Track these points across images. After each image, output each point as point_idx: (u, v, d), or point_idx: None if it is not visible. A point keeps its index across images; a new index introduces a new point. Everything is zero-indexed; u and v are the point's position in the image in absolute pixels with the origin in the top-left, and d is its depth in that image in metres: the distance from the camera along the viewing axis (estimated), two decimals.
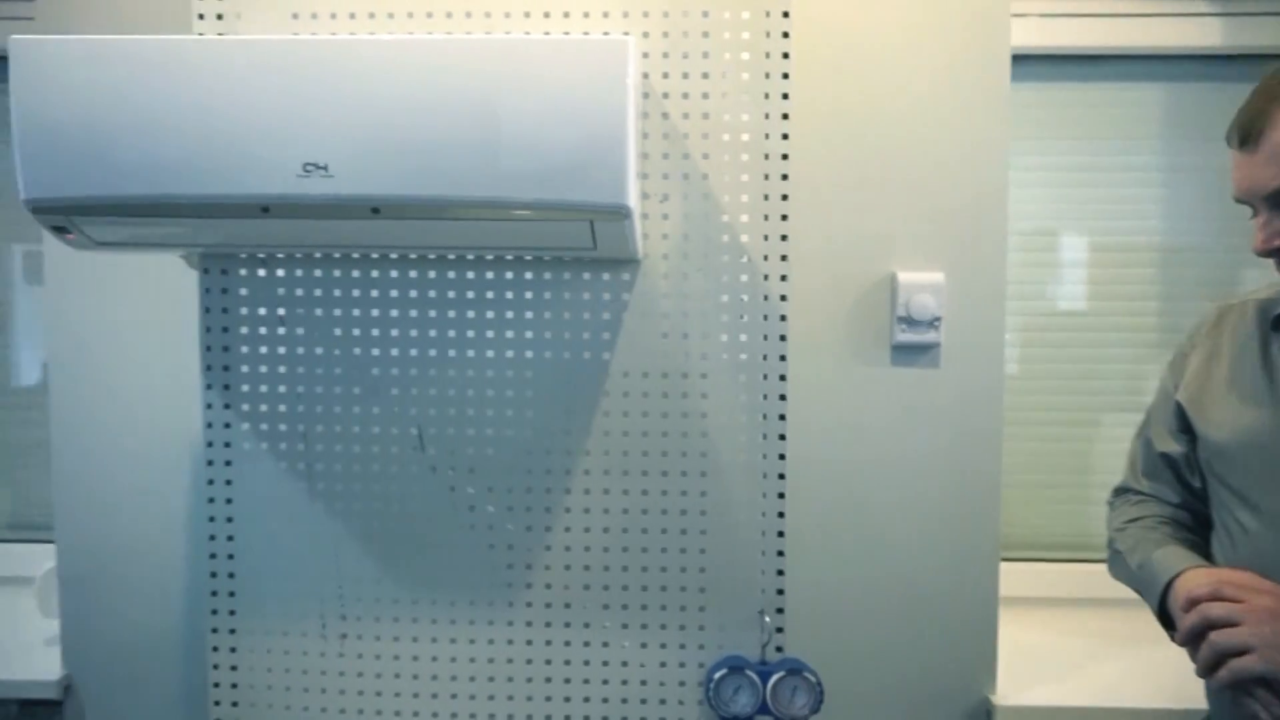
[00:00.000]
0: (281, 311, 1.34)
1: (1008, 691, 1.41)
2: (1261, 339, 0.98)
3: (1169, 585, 0.95)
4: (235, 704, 1.38)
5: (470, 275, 1.33)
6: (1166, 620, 0.98)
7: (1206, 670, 0.85)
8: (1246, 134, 0.87)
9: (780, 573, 1.34)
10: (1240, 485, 0.95)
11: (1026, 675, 1.43)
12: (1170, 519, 1.09)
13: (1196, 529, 1.09)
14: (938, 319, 1.38)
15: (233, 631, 1.37)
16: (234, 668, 1.38)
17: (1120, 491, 1.19)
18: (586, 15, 1.29)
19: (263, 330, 1.35)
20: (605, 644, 1.36)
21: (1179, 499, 1.10)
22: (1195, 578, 0.92)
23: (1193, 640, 0.87)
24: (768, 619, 1.34)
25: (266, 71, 1.04)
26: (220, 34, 1.30)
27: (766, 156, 1.30)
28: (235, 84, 1.04)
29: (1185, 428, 1.06)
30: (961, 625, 1.41)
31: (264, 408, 1.35)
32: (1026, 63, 1.66)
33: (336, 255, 1.34)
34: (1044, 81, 1.71)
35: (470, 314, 1.34)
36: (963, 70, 1.38)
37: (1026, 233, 1.73)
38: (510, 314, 1.33)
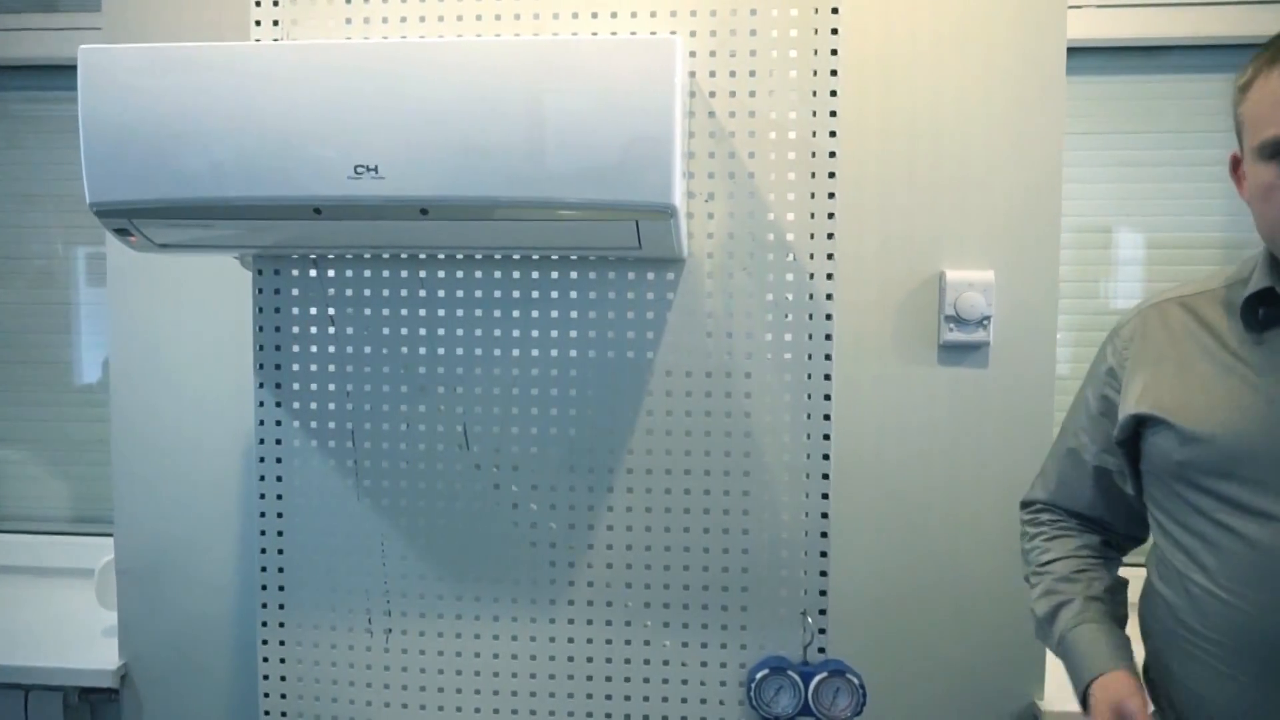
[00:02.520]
0: (331, 311, 1.37)
1: (1055, 697, 1.38)
2: (1215, 336, 0.94)
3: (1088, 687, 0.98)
4: (284, 695, 1.40)
5: (516, 275, 1.35)
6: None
7: None
8: None
9: (823, 573, 1.33)
10: (1240, 493, 0.89)
11: None
12: (1088, 558, 1.07)
13: (1115, 546, 1.10)
14: (987, 318, 1.36)
15: (282, 625, 1.40)
16: (283, 660, 1.40)
17: (1039, 509, 1.14)
18: (634, 15, 1.29)
19: (313, 330, 1.37)
20: (647, 643, 1.36)
21: (1104, 514, 1.09)
22: (1110, 691, 0.95)
23: None
24: (810, 620, 1.34)
25: (320, 75, 1.06)
26: (276, 40, 1.33)
27: (813, 155, 1.29)
28: (290, 88, 1.06)
29: (1124, 439, 1.02)
30: (1008, 628, 1.39)
31: (314, 406, 1.38)
32: (1083, 55, 1.62)
33: (385, 256, 1.36)
34: (1101, 74, 1.67)
35: (515, 313, 1.35)
36: (1015, 64, 1.36)
37: (1081, 229, 1.70)
38: (555, 313, 1.34)
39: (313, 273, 1.37)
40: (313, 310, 1.37)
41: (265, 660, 1.41)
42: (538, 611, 1.37)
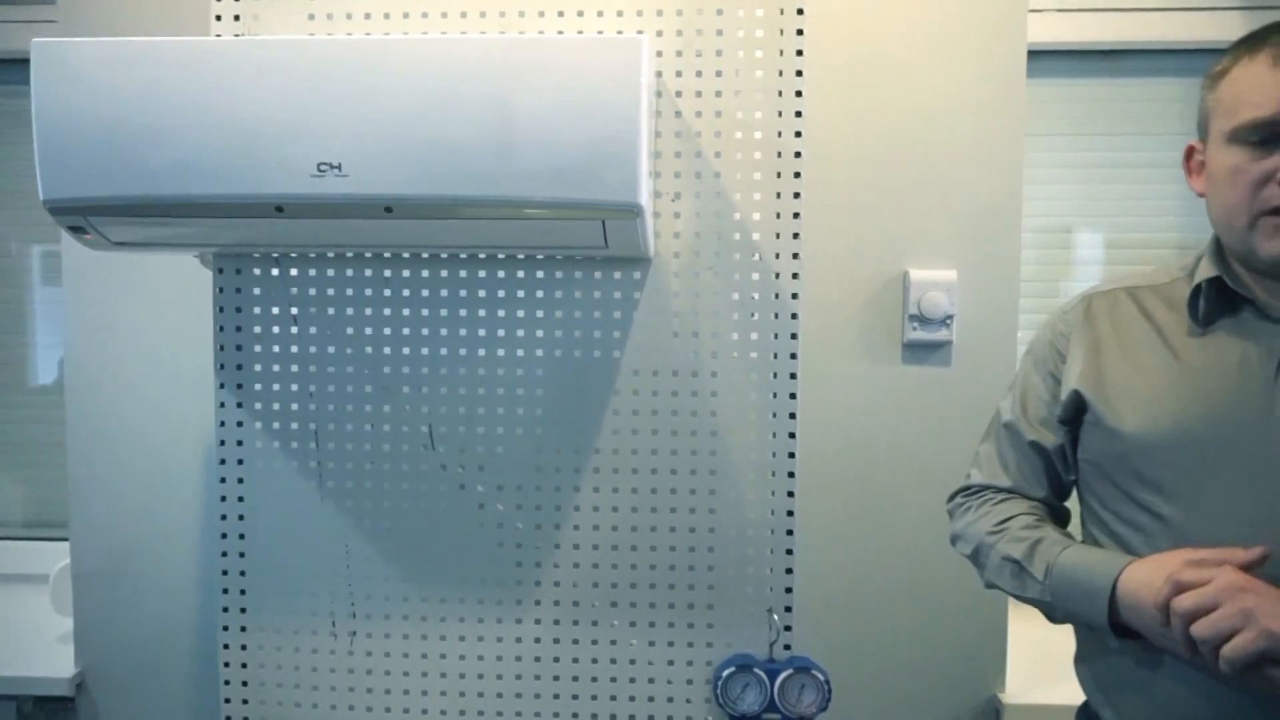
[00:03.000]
0: (294, 310, 1.35)
1: (1017, 690, 1.41)
2: (1158, 328, 0.96)
3: (1114, 589, 0.88)
4: (246, 701, 1.38)
5: (482, 274, 1.34)
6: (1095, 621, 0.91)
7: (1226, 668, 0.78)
8: None
9: (789, 571, 1.34)
10: (1166, 479, 0.91)
11: (1036, 673, 1.43)
12: (1044, 516, 1.03)
13: (1060, 524, 1.05)
14: (950, 317, 1.38)
15: (244, 629, 1.38)
16: (245, 665, 1.38)
17: (972, 492, 1.10)
18: (600, 14, 1.29)
19: (275, 329, 1.36)
20: (613, 642, 1.36)
21: (1045, 492, 1.05)
22: (1145, 577, 0.85)
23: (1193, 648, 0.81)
24: (775, 617, 1.35)
25: (282, 72, 1.05)
26: (237, 35, 1.31)
27: (779, 155, 1.30)
28: (251, 84, 1.05)
29: (1067, 418, 1.01)
30: (971, 623, 1.41)
31: (276, 406, 1.36)
32: (1044, 58, 1.65)
33: (349, 254, 1.35)
34: (1061, 77, 1.70)
35: (481, 313, 1.34)
36: (978, 66, 1.38)
37: (1042, 230, 1.72)
38: (521, 313, 1.34)
39: (275, 271, 1.35)
40: (275, 310, 1.35)
41: (227, 665, 1.38)
42: (504, 612, 1.37)
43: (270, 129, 1.05)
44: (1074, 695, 1.04)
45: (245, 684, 1.38)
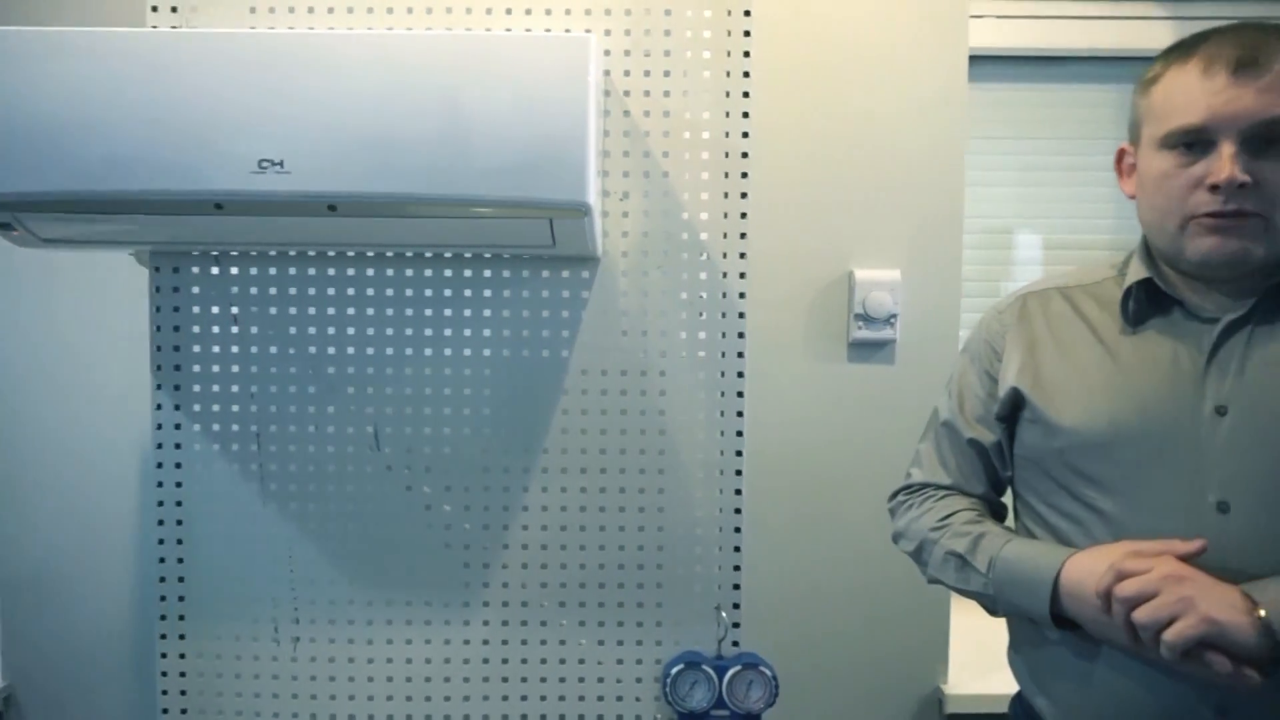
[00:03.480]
0: (235, 310, 1.32)
1: (958, 680, 1.44)
2: (1091, 327, 0.98)
3: (1057, 581, 0.90)
4: (185, 711, 1.35)
5: (428, 273, 1.32)
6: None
7: (1167, 652, 0.81)
8: (1250, 59, 0.85)
9: (737, 568, 1.35)
10: (1101, 473, 0.93)
11: (978, 664, 1.46)
12: (984, 512, 1.05)
13: (998, 520, 1.07)
14: (894, 316, 1.40)
15: (182, 637, 1.35)
16: (183, 674, 1.35)
17: (913, 489, 1.11)
18: (549, 12, 1.29)
19: (215, 329, 1.33)
20: (562, 642, 1.36)
21: (983, 489, 1.07)
22: (1088, 567, 0.88)
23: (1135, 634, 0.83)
24: (724, 614, 1.36)
25: (221, 65, 1.02)
26: (174, 27, 1.27)
27: (727, 155, 1.31)
28: (189, 78, 1.02)
29: (1005, 415, 1.03)
30: (915, 617, 1.44)
31: (216, 408, 1.33)
32: (985, 63, 1.69)
33: (292, 253, 1.32)
34: (1002, 82, 1.74)
35: (428, 312, 1.33)
36: (921, 70, 1.40)
37: (984, 231, 1.76)
38: (468, 312, 1.33)
39: (214, 270, 1.32)
40: (214, 309, 1.32)
41: (164, 675, 1.35)
42: (452, 614, 1.36)
43: (209, 124, 1.02)
44: (1013, 684, 1.07)
45: (184, 693, 1.35)
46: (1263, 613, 0.80)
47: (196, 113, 1.02)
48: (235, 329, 1.33)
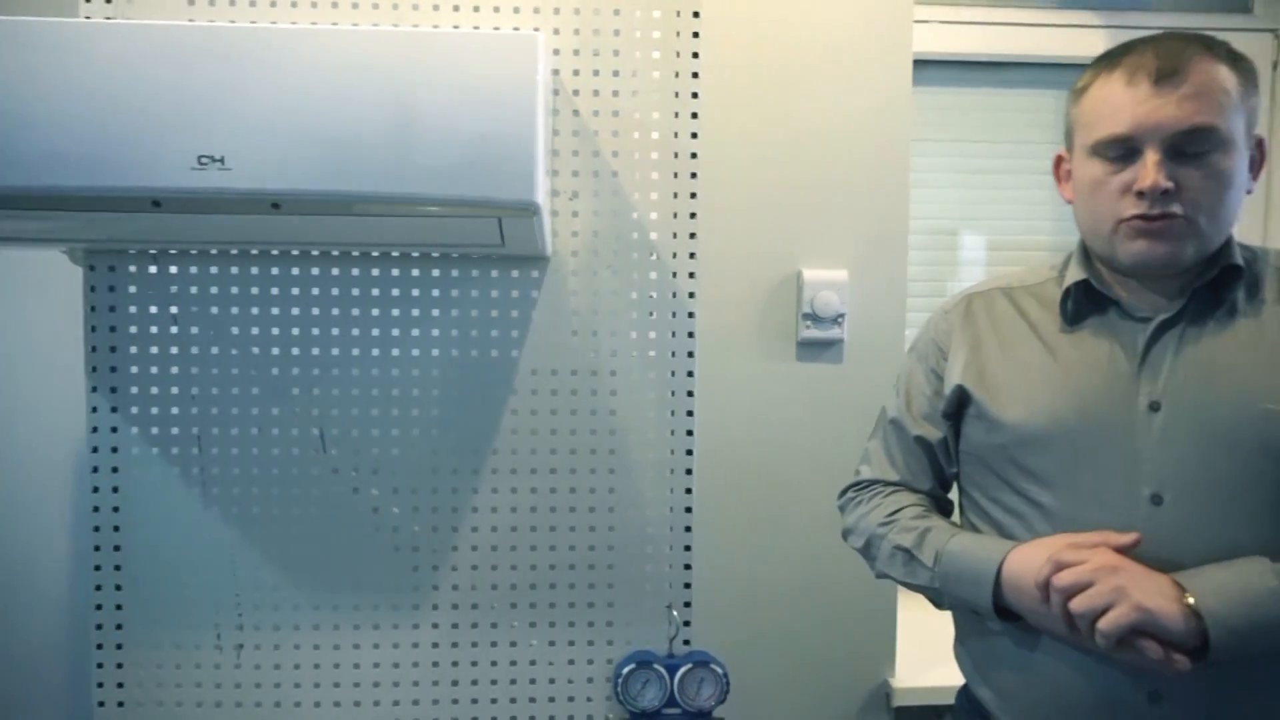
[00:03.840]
0: (174, 310, 1.29)
1: (906, 674, 1.46)
2: (1032, 326, 1.02)
3: (999, 573, 0.92)
4: None
5: (375, 272, 1.31)
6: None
7: (1102, 641, 0.84)
8: (1170, 69, 0.88)
9: (688, 567, 1.36)
10: (1042, 468, 0.95)
11: (924, 658, 1.49)
12: (931, 507, 1.08)
13: (945, 515, 1.10)
14: (841, 315, 1.42)
15: (120, 647, 1.31)
16: (121, 684, 1.31)
17: (862, 487, 1.14)
18: (497, 10, 1.28)
19: (154, 330, 1.29)
20: (513, 644, 1.35)
21: (930, 485, 1.10)
22: (1028, 559, 0.90)
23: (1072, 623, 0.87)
24: (675, 613, 1.36)
25: (158, 58, 1.00)
26: (109, 18, 1.24)
27: (676, 156, 1.32)
28: (124, 70, 1.00)
29: (950, 413, 1.05)
30: (863, 612, 1.46)
31: (155, 410, 1.30)
32: (929, 68, 1.72)
33: (234, 251, 1.29)
34: (946, 86, 1.77)
35: (375, 312, 1.31)
36: (867, 73, 1.42)
37: (930, 231, 1.79)
38: (416, 312, 1.31)
39: (153, 269, 1.29)
40: (153, 309, 1.29)
41: (100, 686, 1.31)
42: (400, 618, 1.34)
43: (145, 118, 1.00)
44: (958, 677, 1.09)
45: (121, 705, 1.31)
46: (1191, 600, 0.83)
47: (132, 107, 1.00)
48: (175, 329, 1.29)
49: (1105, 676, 0.91)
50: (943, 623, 1.11)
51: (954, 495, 1.13)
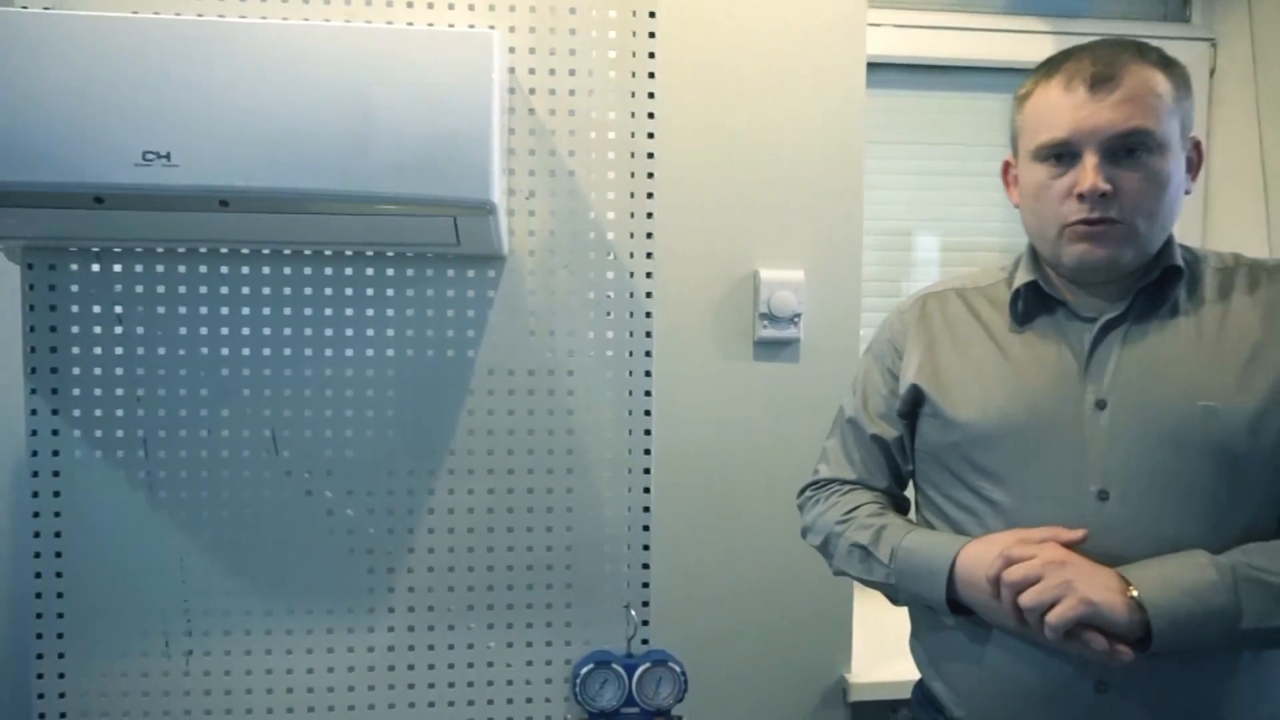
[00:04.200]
0: (119, 309, 1.25)
1: (862, 669, 1.48)
2: (985, 326, 1.04)
3: (952, 568, 0.94)
4: None
5: (328, 271, 1.29)
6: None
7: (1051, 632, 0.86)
8: (1105, 75, 0.91)
9: (645, 566, 1.36)
10: (994, 465, 0.97)
11: (880, 653, 1.51)
12: (887, 505, 1.10)
13: (901, 512, 1.12)
14: (798, 315, 1.43)
15: (61, 656, 1.27)
16: (63, 695, 1.28)
17: (820, 485, 1.15)
18: (452, 7, 1.27)
19: (97, 329, 1.26)
20: (471, 645, 1.34)
21: (887, 483, 1.12)
22: (979, 555, 0.92)
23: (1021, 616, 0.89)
24: (633, 613, 1.36)
25: (101, 50, 0.97)
26: (48, 9, 1.20)
27: (633, 155, 1.32)
28: (65, 63, 0.97)
29: (906, 411, 1.07)
30: (819, 610, 1.47)
31: (98, 413, 1.26)
32: (882, 70, 1.74)
33: (182, 250, 1.26)
34: (899, 89, 1.80)
35: (328, 311, 1.29)
36: (821, 75, 1.44)
37: (884, 232, 1.81)
38: (370, 311, 1.30)
39: (95, 267, 1.25)
40: (96, 309, 1.26)
41: (41, 697, 1.27)
42: (356, 621, 1.32)
43: (88, 112, 0.97)
44: (913, 672, 1.11)
45: (64, 716, 1.28)
46: (1135, 593, 0.85)
47: (74, 100, 0.97)
48: (120, 329, 1.26)
49: (1053, 668, 0.93)
50: (898, 618, 1.12)
51: (910, 493, 1.14)
